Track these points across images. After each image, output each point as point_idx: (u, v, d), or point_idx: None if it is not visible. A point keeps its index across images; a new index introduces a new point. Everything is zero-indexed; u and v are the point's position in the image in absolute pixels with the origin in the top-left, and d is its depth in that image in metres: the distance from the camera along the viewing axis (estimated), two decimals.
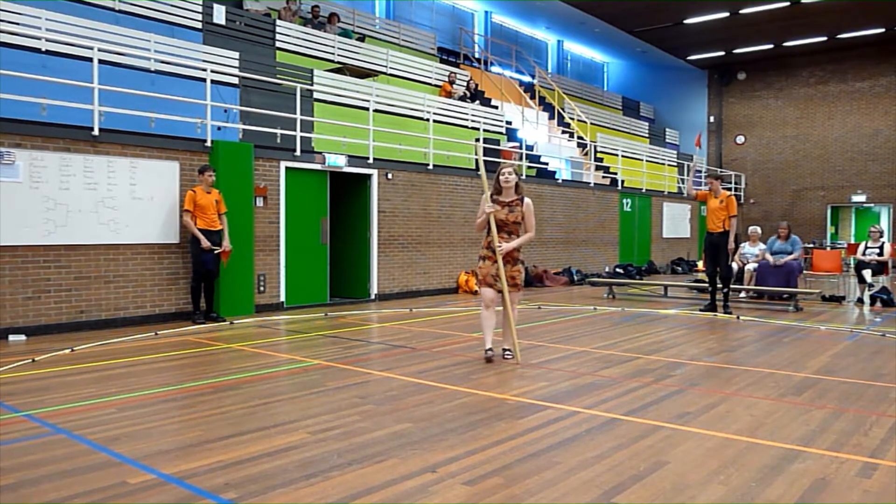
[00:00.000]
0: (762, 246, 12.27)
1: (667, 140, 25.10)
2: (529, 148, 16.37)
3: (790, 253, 11.70)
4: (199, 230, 8.55)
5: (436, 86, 16.29)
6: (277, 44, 13.47)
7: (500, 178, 6.32)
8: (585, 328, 8.70)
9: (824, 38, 22.19)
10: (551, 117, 21.02)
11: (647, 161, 20.10)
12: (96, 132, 8.19)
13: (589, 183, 17.39)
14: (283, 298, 10.21)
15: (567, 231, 15.87)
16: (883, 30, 21.15)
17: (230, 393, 5.12)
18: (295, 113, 10.50)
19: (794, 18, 20.03)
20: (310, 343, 7.48)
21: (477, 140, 6.55)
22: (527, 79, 21.90)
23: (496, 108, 17.57)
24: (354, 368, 5.99)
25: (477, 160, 6.65)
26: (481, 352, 6.65)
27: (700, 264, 14.48)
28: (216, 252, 8.68)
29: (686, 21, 20.53)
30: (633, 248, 18.48)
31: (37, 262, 7.72)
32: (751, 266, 12.02)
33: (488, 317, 6.46)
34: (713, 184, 10.14)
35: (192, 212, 8.54)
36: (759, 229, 12.99)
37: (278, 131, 10.49)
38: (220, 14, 12.61)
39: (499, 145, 15.55)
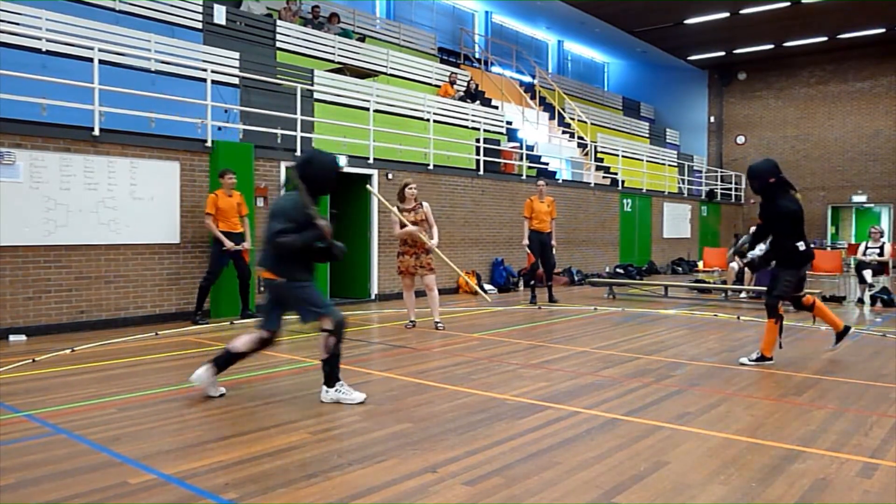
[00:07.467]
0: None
1: (667, 140, 25.08)
2: (530, 148, 16.36)
3: None
4: (221, 233, 8.62)
5: (436, 86, 16.29)
6: (278, 44, 13.46)
7: (407, 190, 8.17)
8: (586, 328, 8.70)
9: (824, 38, 22.18)
10: (551, 117, 21.00)
11: (647, 161, 20.09)
12: (97, 132, 8.20)
13: (589, 183, 17.39)
14: None
15: (567, 231, 15.85)
16: (883, 30, 21.14)
17: (230, 393, 5.11)
18: (295, 113, 10.50)
19: (794, 18, 20.02)
20: (310, 343, 7.46)
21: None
22: (527, 79, 21.88)
23: (496, 108, 17.55)
24: (354, 368, 5.98)
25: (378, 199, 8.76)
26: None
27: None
28: (237, 250, 8.73)
29: (686, 21, 20.53)
30: (634, 248, 18.46)
31: (37, 262, 7.72)
32: None
33: (409, 297, 8.49)
34: (542, 188, 11.25)
35: (214, 215, 8.62)
36: None
37: (278, 131, 10.49)
38: (220, 14, 12.60)
39: (499, 145, 15.55)
